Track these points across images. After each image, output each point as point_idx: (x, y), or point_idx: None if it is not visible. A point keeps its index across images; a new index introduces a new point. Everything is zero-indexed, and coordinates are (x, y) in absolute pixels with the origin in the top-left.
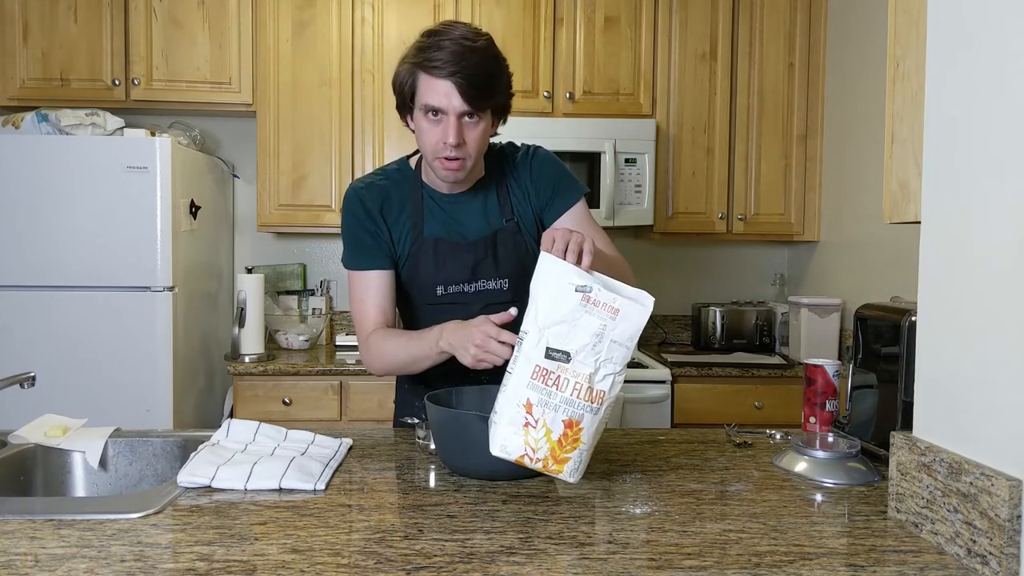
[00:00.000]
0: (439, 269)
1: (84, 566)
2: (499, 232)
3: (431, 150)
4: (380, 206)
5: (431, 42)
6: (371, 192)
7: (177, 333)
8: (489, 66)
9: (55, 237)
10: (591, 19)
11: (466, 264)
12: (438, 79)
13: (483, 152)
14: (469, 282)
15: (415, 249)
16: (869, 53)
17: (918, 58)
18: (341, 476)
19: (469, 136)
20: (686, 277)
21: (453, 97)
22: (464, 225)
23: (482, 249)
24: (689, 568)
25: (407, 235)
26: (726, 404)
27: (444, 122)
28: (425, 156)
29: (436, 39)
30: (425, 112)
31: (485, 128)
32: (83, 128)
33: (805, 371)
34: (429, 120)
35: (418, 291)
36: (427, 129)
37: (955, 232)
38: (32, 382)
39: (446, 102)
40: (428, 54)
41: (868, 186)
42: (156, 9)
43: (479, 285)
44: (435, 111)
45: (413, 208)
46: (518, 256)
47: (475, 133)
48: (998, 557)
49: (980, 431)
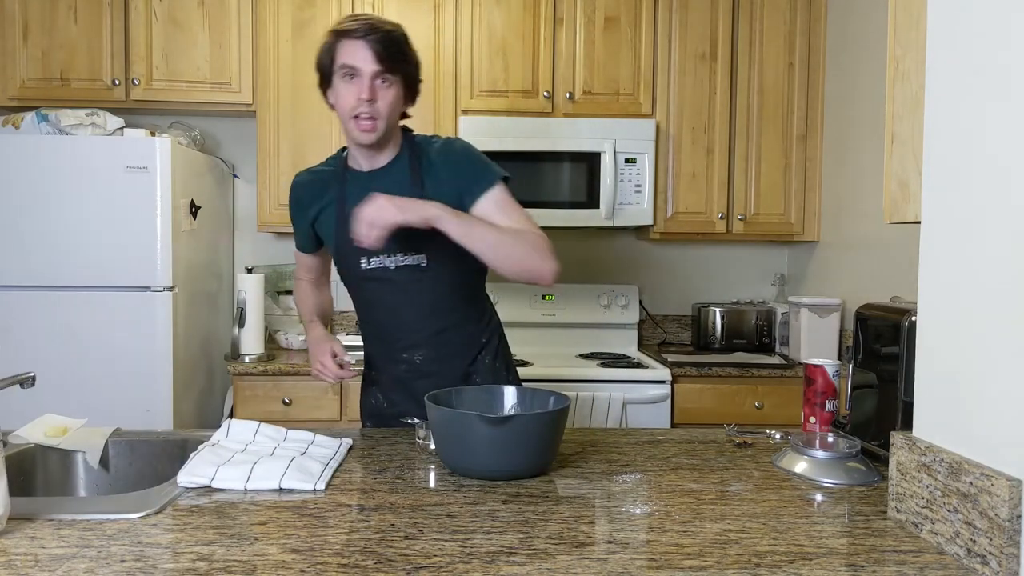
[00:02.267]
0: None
1: (84, 566)
2: None
3: (347, 111)
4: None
5: (349, 19)
6: (309, 178)
7: (177, 333)
8: (399, 38)
9: (55, 237)
10: (591, 19)
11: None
12: (354, 40)
13: (395, 120)
14: (389, 254)
15: (340, 224)
16: (869, 53)
17: (918, 58)
18: (341, 476)
19: (381, 98)
20: (686, 277)
21: (368, 56)
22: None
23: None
24: (689, 568)
25: (334, 213)
26: (726, 404)
27: (359, 82)
28: (343, 122)
29: (354, 18)
30: (342, 76)
31: (396, 94)
32: (83, 128)
33: (805, 371)
34: (346, 82)
35: (347, 266)
36: (343, 91)
37: (955, 232)
38: (32, 382)
39: (361, 60)
40: (346, 24)
41: (868, 186)
42: (156, 9)
43: (398, 260)
44: (351, 71)
45: (338, 188)
46: (431, 233)
47: (387, 96)
48: (998, 557)
49: (980, 431)
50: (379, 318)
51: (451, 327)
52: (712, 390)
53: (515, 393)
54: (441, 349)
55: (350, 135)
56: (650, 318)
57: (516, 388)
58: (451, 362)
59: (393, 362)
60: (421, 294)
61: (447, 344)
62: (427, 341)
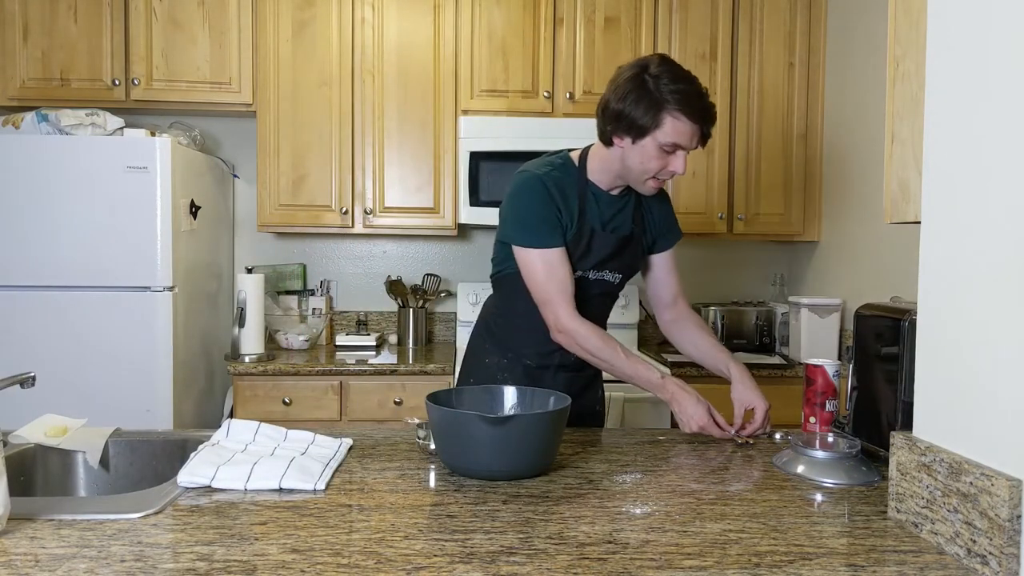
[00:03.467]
0: (585, 256)
1: (84, 566)
2: (633, 236)
3: (651, 172)
4: (561, 196)
5: (687, 88)
6: (551, 179)
7: (177, 333)
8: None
9: (55, 237)
10: (591, 19)
11: (603, 254)
12: (691, 123)
13: None
14: (598, 271)
15: (578, 234)
16: (869, 53)
17: (918, 58)
18: (341, 476)
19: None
20: (686, 277)
21: (695, 140)
22: (612, 222)
23: (619, 244)
24: (689, 568)
25: (573, 221)
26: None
27: (675, 156)
28: (636, 174)
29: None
30: (662, 145)
31: None
32: (83, 128)
33: (805, 371)
34: (662, 151)
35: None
36: (656, 157)
37: (955, 232)
38: (32, 382)
39: (688, 143)
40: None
41: (868, 186)
42: (156, 9)
43: (601, 275)
44: (676, 147)
45: (579, 199)
46: (635, 259)
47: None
48: (998, 557)
49: (980, 431)
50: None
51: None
52: (712, 390)
53: (515, 393)
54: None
55: (636, 185)
56: (650, 318)
57: (516, 388)
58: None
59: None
60: (606, 305)
61: None
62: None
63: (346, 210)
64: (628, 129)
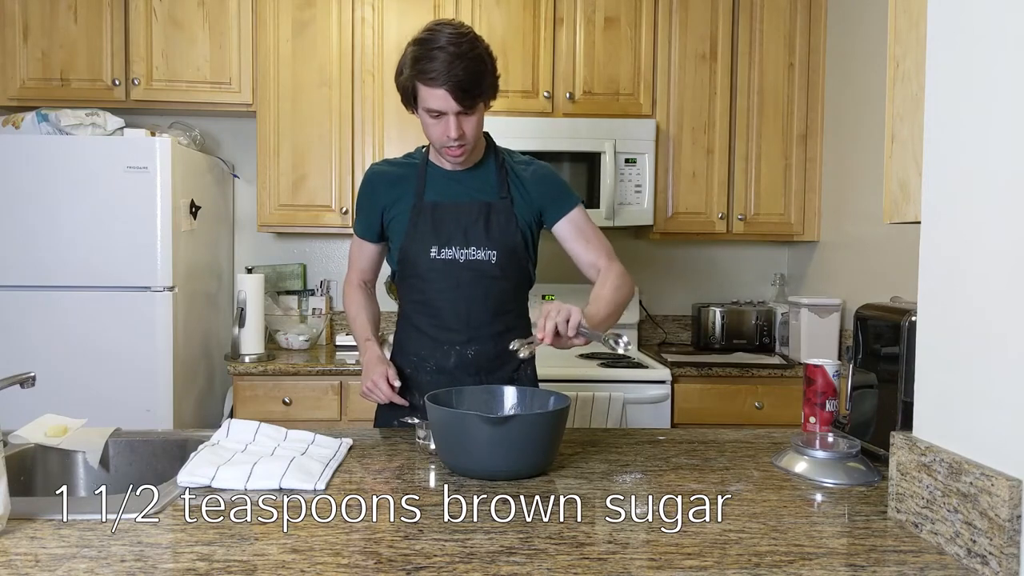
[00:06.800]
0: (435, 230)
1: (84, 566)
2: (493, 204)
3: (437, 142)
4: (387, 185)
5: (422, 52)
6: (378, 174)
7: (177, 333)
8: (476, 68)
9: (55, 237)
10: (591, 19)
11: (459, 226)
12: (434, 88)
13: (481, 131)
14: (461, 247)
15: (415, 213)
16: (869, 53)
17: (918, 58)
18: (341, 476)
19: (467, 127)
20: (686, 277)
21: (449, 101)
22: (460, 193)
23: (475, 212)
24: (689, 568)
25: (409, 205)
26: (726, 404)
27: (444, 120)
28: (433, 145)
29: (426, 48)
30: (427, 114)
31: (479, 115)
32: (83, 128)
33: (805, 371)
34: (431, 118)
35: (416, 255)
36: (431, 125)
37: (955, 232)
38: (32, 382)
39: (444, 105)
40: (422, 66)
41: (868, 186)
42: (156, 9)
43: (470, 253)
44: (435, 113)
45: (417, 181)
46: (509, 232)
47: (472, 123)
48: (998, 557)
49: (980, 431)
50: (439, 307)
51: (512, 328)
52: (712, 390)
53: (515, 393)
54: (499, 346)
55: (442, 157)
56: (650, 318)
57: (516, 388)
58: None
59: (441, 354)
60: (488, 290)
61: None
62: (488, 338)
63: (346, 210)
64: (406, 102)
